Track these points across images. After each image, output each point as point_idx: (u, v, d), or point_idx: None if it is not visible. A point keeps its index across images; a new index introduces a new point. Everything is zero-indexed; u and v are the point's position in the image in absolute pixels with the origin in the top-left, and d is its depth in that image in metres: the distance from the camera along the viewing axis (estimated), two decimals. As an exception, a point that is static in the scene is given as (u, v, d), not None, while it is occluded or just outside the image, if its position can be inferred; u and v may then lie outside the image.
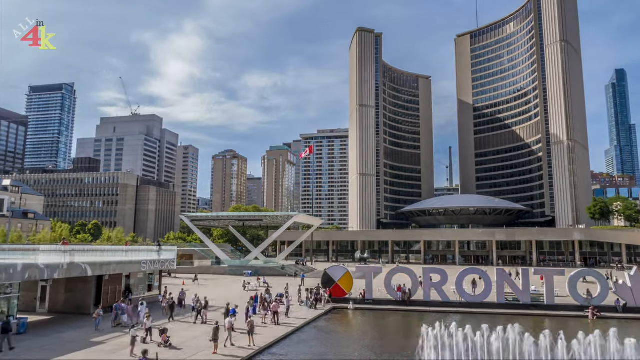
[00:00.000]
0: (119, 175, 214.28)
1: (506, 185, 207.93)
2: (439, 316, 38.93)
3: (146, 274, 49.10)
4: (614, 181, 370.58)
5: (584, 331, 23.63)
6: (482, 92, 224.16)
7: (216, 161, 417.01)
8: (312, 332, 36.18)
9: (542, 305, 44.64)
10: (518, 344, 22.76)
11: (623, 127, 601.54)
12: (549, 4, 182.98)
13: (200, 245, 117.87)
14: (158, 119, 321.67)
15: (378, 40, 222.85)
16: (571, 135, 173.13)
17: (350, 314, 45.02)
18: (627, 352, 21.60)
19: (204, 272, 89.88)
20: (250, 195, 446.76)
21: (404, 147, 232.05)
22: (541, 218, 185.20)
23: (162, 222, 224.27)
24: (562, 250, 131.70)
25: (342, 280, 49.76)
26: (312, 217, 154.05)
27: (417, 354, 24.02)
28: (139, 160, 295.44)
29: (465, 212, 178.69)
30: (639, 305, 42.94)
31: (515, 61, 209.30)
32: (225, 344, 28.59)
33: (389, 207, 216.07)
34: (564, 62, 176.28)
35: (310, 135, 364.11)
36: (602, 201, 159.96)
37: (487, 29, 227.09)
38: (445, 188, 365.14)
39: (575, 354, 22.06)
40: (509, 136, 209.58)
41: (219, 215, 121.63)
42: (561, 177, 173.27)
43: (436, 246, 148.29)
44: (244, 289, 61.24)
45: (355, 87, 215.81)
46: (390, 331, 38.85)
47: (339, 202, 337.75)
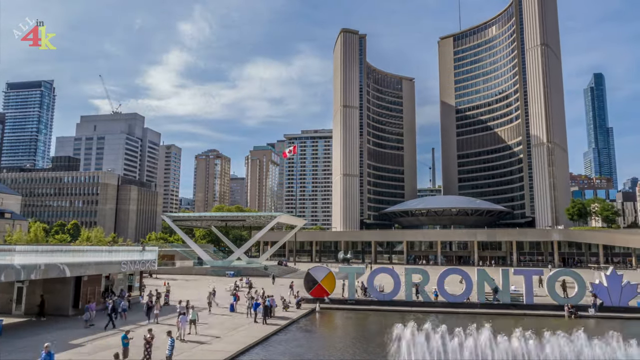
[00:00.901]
0: (99, 175, 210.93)
1: (487, 186, 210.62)
2: (419, 316, 39.23)
3: (126, 274, 48.46)
4: (592, 183, 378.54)
5: (555, 329, 24.05)
6: (464, 94, 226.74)
7: (199, 161, 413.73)
8: (294, 331, 36.13)
9: (522, 304, 45.34)
10: (486, 343, 23.13)
11: (601, 130, 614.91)
12: (530, 9, 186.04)
13: (182, 245, 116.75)
14: (140, 118, 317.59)
15: (362, 42, 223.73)
16: (551, 138, 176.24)
17: (332, 315, 45.08)
18: (597, 350, 22.14)
19: (186, 272, 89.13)
20: (233, 196, 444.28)
21: (387, 148, 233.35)
22: (521, 219, 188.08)
23: (144, 222, 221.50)
24: (541, 250, 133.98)
25: (325, 281, 49.75)
26: (295, 217, 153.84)
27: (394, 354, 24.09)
28: (120, 160, 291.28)
29: (447, 213, 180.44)
30: (615, 304, 43.90)
31: (497, 64, 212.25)
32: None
33: (372, 208, 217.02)
34: (544, 66, 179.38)
35: (294, 135, 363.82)
36: (580, 202, 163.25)
37: (469, 31, 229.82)
38: (428, 189, 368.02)
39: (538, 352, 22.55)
40: (490, 138, 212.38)
41: (202, 215, 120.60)
42: (541, 178, 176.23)
43: (419, 246, 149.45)
44: (235, 289, 60.53)
45: (339, 87, 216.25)
46: (371, 331, 38.98)
47: (323, 203, 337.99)
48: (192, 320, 32.78)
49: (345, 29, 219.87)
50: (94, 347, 28.38)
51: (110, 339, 30.11)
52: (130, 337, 25.41)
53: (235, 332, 34.00)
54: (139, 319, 37.93)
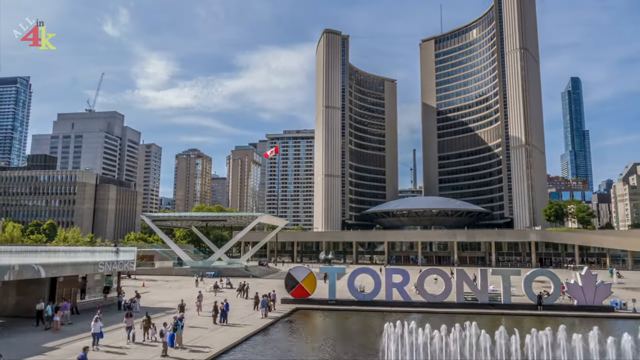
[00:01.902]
0: (76, 174, 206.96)
1: (468, 187, 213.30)
2: (399, 316, 39.47)
3: (104, 275, 47.66)
4: (568, 185, 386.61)
5: (527, 328, 24.48)
6: (445, 96, 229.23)
7: (180, 160, 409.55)
8: (274, 334, 36.00)
9: (500, 304, 46.00)
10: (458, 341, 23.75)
11: (577, 133, 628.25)
12: (510, 13, 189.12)
13: (162, 246, 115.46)
14: (119, 116, 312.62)
15: (345, 43, 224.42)
16: (529, 140, 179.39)
17: (313, 315, 45.07)
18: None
19: (166, 273, 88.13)
20: (214, 195, 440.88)
21: (369, 149, 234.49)
22: (500, 220, 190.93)
23: (123, 222, 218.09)
24: (519, 251, 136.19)
25: (306, 281, 49.71)
26: (276, 217, 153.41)
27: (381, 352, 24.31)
28: (98, 158, 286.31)
29: (428, 214, 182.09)
30: (589, 303, 44.87)
31: (478, 67, 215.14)
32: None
33: (354, 208, 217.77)
34: (523, 69, 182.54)
35: (277, 135, 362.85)
36: (557, 204, 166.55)
37: (451, 34, 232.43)
38: (409, 190, 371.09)
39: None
40: (471, 140, 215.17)
41: (182, 215, 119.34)
42: (519, 180, 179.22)
43: (399, 247, 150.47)
44: (207, 289, 60.20)
45: (321, 88, 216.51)
46: (352, 331, 39.09)
47: (305, 203, 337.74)
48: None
49: (328, 30, 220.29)
50: (67, 350, 27.80)
51: (85, 342, 29.54)
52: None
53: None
54: (117, 319, 37.31)
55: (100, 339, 28.52)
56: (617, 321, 41.62)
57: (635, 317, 42.81)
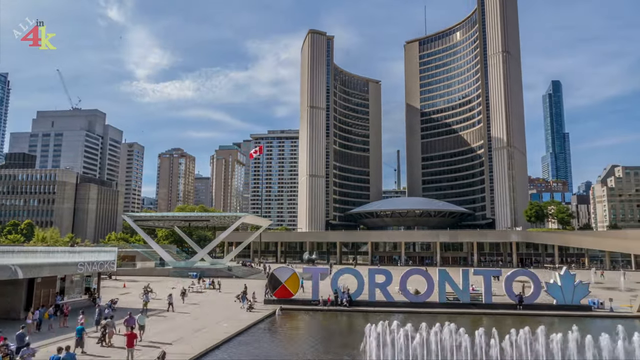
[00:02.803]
0: (56, 172, 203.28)
1: (451, 188, 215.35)
2: (382, 316, 39.60)
3: (83, 276, 46.88)
4: (549, 186, 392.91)
5: (505, 327, 24.81)
6: (429, 98, 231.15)
7: (162, 159, 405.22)
8: (257, 333, 35.81)
9: (481, 304, 46.49)
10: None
11: (558, 135, 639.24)
12: (492, 16, 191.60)
13: (144, 246, 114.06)
14: (101, 114, 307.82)
15: (330, 43, 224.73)
16: (511, 142, 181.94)
17: (296, 316, 44.96)
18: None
19: (147, 274, 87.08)
20: (197, 195, 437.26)
21: (353, 149, 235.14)
22: (482, 220, 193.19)
23: (104, 222, 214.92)
24: (500, 251, 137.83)
25: (289, 282, 49.59)
26: (260, 217, 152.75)
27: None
28: (79, 157, 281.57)
29: (411, 214, 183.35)
30: (568, 302, 45.63)
31: (461, 69, 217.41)
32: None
33: (338, 209, 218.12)
34: (505, 72, 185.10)
35: (261, 135, 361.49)
36: (537, 205, 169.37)
37: (435, 36, 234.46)
38: (393, 190, 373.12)
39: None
40: (454, 141, 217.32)
41: (164, 215, 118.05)
42: (501, 181, 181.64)
43: (383, 247, 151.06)
44: (189, 290, 59.66)
45: (306, 88, 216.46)
46: (334, 331, 39.11)
47: (289, 203, 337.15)
48: (141, 326, 31.31)
49: (313, 30, 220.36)
50: (44, 353, 27.22)
51: (62, 343, 28.95)
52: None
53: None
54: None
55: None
56: (595, 320, 42.40)
57: (612, 316, 43.69)
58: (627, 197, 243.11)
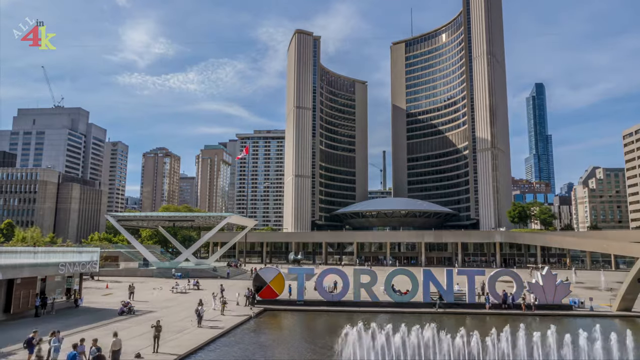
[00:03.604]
0: (37, 171, 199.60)
1: (436, 189, 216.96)
2: (366, 316, 39.74)
3: (64, 277, 46.14)
4: (532, 187, 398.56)
5: (483, 326, 25.07)
6: (415, 99, 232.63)
7: (147, 158, 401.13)
8: (240, 333, 35.61)
9: (464, 303, 46.90)
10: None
11: (541, 137, 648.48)
12: (477, 19, 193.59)
13: (127, 246, 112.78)
14: (84, 112, 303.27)
15: (316, 43, 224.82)
16: (495, 143, 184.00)
17: (281, 316, 44.86)
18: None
19: (131, 274, 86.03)
20: (182, 195, 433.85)
21: (339, 149, 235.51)
22: (467, 221, 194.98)
23: (86, 222, 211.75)
24: (484, 251, 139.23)
25: (274, 282, 49.46)
26: (246, 218, 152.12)
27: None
28: (61, 156, 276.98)
29: (396, 215, 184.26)
30: (549, 302, 46.30)
31: (447, 70, 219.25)
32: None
33: (324, 209, 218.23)
34: (490, 74, 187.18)
35: (247, 135, 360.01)
36: (521, 206, 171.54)
37: (421, 38, 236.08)
38: (379, 191, 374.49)
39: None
40: (439, 142, 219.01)
41: (148, 215, 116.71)
42: (485, 182, 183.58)
43: (368, 247, 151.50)
44: (173, 291, 59.27)
45: (292, 88, 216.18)
46: (319, 332, 39.10)
47: (274, 204, 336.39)
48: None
49: (300, 30, 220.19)
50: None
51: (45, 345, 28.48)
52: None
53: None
54: (76, 323, 36.17)
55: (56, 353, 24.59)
56: (575, 319, 43.09)
57: (592, 315, 44.46)
58: (607, 199, 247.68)
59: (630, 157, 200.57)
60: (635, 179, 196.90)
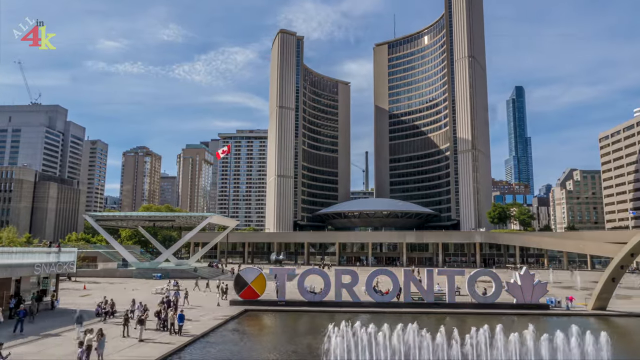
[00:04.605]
0: (13, 170, 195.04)
1: (417, 189, 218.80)
2: (348, 316, 39.80)
3: (40, 278, 45.13)
4: (511, 188, 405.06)
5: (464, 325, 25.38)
6: (397, 100, 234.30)
7: (127, 157, 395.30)
8: (223, 333, 35.34)
9: (444, 303, 47.36)
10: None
11: (520, 140, 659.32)
12: (459, 22, 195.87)
13: (106, 246, 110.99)
14: (62, 110, 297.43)
15: (300, 43, 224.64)
16: (476, 145, 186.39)
17: (263, 316, 44.68)
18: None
19: (110, 275, 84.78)
20: (163, 195, 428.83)
21: (322, 150, 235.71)
22: (448, 221, 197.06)
23: (64, 222, 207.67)
24: (465, 251, 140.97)
25: (255, 282, 49.19)
26: (227, 218, 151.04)
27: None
28: (38, 154, 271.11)
29: (378, 215, 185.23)
30: (527, 301, 47.04)
31: (429, 72, 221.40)
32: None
33: (306, 209, 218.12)
34: (471, 77, 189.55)
35: (229, 134, 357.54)
36: (500, 207, 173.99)
37: (404, 40, 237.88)
38: (361, 192, 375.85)
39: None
40: (421, 143, 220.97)
41: (128, 215, 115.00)
42: (466, 183, 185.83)
43: (350, 248, 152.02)
44: (155, 292, 58.46)
45: (275, 88, 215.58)
46: (300, 332, 39.05)
47: (257, 204, 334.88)
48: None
49: (284, 30, 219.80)
50: None
51: (22, 347, 27.85)
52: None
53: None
54: (51, 324, 35.43)
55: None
56: (552, 318, 43.88)
57: (568, 314, 45.34)
58: (584, 200, 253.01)
59: (606, 159, 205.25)
60: (611, 181, 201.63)
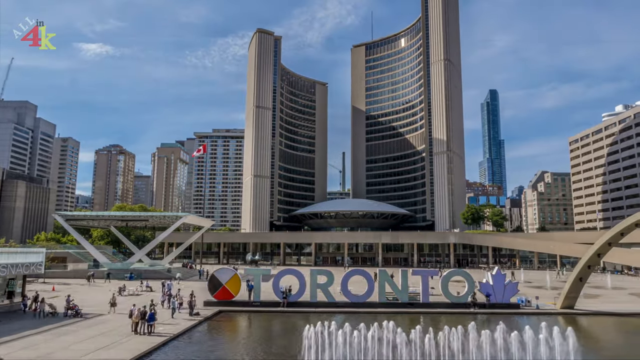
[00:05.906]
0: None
1: (393, 190, 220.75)
2: (323, 317, 39.83)
3: (6, 279, 43.76)
4: (485, 190, 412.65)
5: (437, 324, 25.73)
6: (374, 101, 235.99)
7: (100, 156, 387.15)
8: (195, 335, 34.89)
9: (419, 303, 47.85)
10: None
11: (494, 142, 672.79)
12: (435, 26, 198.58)
13: (76, 247, 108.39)
14: (31, 106, 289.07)
15: (277, 43, 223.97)
16: (451, 147, 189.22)
17: (237, 318, 44.33)
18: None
19: (80, 276, 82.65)
20: (137, 194, 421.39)
21: (299, 150, 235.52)
22: (423, 222, 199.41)
23: (33, 221, 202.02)
24: (439, 252, 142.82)
25: (230, 283, 48.74)
26: (202, 218, 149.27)
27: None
28: (5, 152, 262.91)
29: (354, 216, 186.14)
30: (499, 301, 47.94)
31: (405, 74, 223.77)
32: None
33: (283, 210, 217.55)
34: (447, 80, 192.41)
35: (205, 133, 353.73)
36: (474, 208, 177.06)
37: (381, 42, 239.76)
38: (338, 192, 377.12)
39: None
40: (397, 145, 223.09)
41: (99, 214, 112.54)
42: (441, 184, 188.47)
43: (327, 248, 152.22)
44: (120, 293, 57.00)
45: (252, 87, 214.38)
46: (275, 333, 38.88)
47: (233, 204, 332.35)
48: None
49: (261, 29, 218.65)
50: None
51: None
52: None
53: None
54: (20, 327, 34.38)
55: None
56: (522, 317, 44.83)
57: (538, 313, 46.39)
58: (554, 202, 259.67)
59: (575, 162, 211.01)
60: (580, 183, 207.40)
